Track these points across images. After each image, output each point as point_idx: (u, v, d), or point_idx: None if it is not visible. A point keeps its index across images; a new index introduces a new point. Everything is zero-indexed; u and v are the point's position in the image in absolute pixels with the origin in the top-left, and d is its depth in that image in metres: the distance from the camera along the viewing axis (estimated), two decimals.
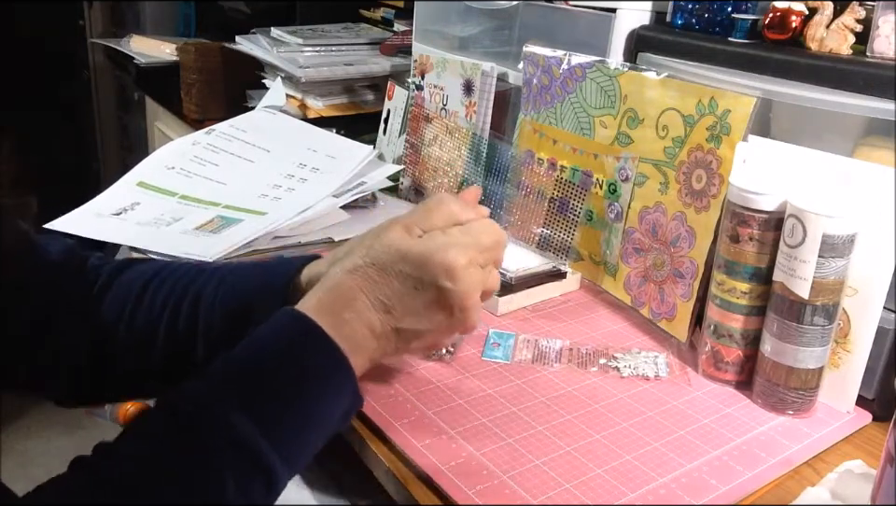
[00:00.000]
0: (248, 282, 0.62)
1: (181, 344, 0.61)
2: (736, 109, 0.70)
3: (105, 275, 0.64)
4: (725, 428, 0.63)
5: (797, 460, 0.60)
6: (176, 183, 1.02)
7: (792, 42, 0.75)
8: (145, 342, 0.61)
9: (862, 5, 0.71)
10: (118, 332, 0.61)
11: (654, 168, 0.79)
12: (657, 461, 0.58)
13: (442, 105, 1.04)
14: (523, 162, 0.94)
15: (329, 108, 1.37)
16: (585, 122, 0.87)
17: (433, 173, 1.05)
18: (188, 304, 0.61)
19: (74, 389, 0.63)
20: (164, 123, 1.85)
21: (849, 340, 0.65)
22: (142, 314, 0.62)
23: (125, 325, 0.62)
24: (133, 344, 0.61)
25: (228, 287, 0.62)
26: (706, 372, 0.70)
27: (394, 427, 0.60)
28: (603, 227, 0.85)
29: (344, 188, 0.99)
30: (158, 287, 0.63)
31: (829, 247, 0.60)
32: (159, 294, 0.62)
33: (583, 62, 0.86)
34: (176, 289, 0.62)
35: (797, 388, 0.64)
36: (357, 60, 1.40)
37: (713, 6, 0.82)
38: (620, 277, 0.83)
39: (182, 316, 0.61)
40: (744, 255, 0.66)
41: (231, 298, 0.61)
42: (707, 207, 0.73)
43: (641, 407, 0.65)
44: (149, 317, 0.61)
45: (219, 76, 1.55)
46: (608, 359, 0.72)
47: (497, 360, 0.71)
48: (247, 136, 1.13)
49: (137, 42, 1.92)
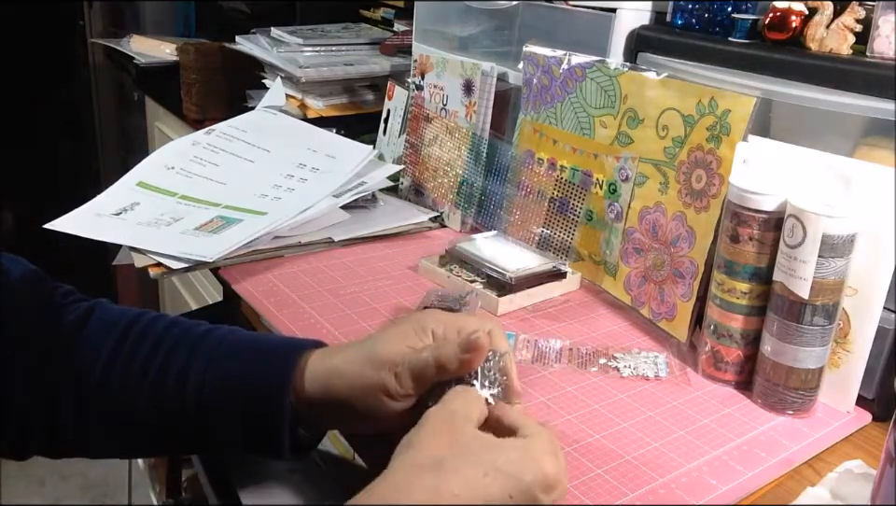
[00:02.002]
0: (242, 377, 0.55)
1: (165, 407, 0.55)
2: (736, 109, 0.70)
3: (73, 316, 0.57)
4: (725, 428, 0.63)
5: (797, 460, 0.60)
6: (176, 183, 1.02)
7: (792, 42, 0.75)
8: (123, 402, 0.55)
9: (862, 5, 0.71)
10: (90, 384, 0.55)
11: (654, 168, 0.79)
12: (657, 461, 0.58)
13: (442, 105, 1.04)
14: (523, 162, 0.94)
15: (329, 108, 1.36)
16: (585, 122, 0.87)
17: (433, 173, 1.05)
18: (173, 381, 0.55)
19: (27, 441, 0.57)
20: (164, 123, 1.86)
21: (849, 340, 0.65)
22: (117, 375, 0.56)
23: (99, 379, 0.56)
24: (109, 402, 0.56)
25: (219, 375, 0.55)
26: (706, 372, 0.70)
27: None
28: (603, 227, 0.85)
29: (344, 188, 0.99)
30: (135, 346, 0.56)
31: (829, 247, 0.60)
32: (136, 357, 0.56)
33: (583, 62, 0.86)
34: (158, 357, 0.56)
35: (797, 388, 0.64)
36: (357, 60, 1.40)
37: (713, 6, 0.82)
38: (620, 277, 0.83)
39: (167, 391, 0.55)
40: (744, 255, 0.66)
41: (224, 390, 0.55)
42: (706, 207, 0.73)
43: (641, 407, 0.65)
44: (128, 381, 0.55)
45: (219, 76, 1.55)
46: (608, 359, 0.72)
47: None
48: (247, 136, 1.13)
49: (137, 42, 1.92)
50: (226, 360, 0.56)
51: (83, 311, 0.58)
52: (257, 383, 0.55)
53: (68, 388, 0.56)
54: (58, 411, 0.56)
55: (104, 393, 0.56)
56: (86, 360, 0.56)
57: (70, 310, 0.58)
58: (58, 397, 0.56)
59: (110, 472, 2.03)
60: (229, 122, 1.16)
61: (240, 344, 0.57)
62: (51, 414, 0.56)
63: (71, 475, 2.03)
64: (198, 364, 0.55)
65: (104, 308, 0.60)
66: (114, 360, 0.56)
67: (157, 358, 0.56)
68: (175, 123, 1.72)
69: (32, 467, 2.02)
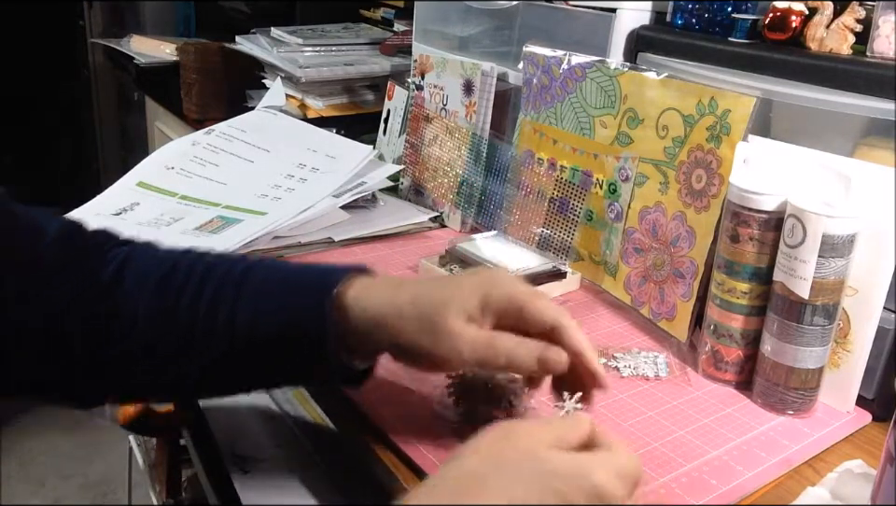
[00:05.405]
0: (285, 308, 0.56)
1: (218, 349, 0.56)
2: (736, 109, 0.70)
3: (111, 269, 0.58)
4: (725, 428, 0.63)
5: (797, 460, 0.60)
6: (176, 183, 1.02)
7: (792, 42, 0.75)
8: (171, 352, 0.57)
9: (862, 5, 0.71)
10: (135, 338, 0.56)
11: (654, 168, 0.79)
12: (657, 461, 0.58)
13: (442, 105, 1.04)
14: (523, 162, 0.94)
15: (329, 108, 1.37)
16: (585, 122, 0.87)
17: (433, 173, 1.05)
18: (223, 318, 0.56)
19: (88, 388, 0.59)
20: (164, 123, 1.86)
21: (849, 340, 0.65)
22: (161, 327, 0.56)
23: (144, 332, 0.56)
24: (156, 354, 0.57)
25: (260, 310, 0.56)
26: (706, 372, 0.70)
27: (394, 427, 0.60)
28: (603, 227, 0.85)
29: (344, 188, 0.99)
30: (181, 286, 0.57)
31: (829, 247, 0.60)
32: (183, 296, 0.57)
33: (583, 62, 0.86)
34: (205, 298, 0.56)
35: (797, 388, 0.64)
36: (357, 60, 1.40)
37: (713, 6, 0.82)
38: (620, 277, 0.83)
39: (218, 329, 0.56)
40: (744, 255, 0.66)
41: (267, 324, 0.56)
42: (706, 207, 0.73)
43: (641, 407, 0.65)
44: (178, 323, 0.56)
45: (219, 76, 1.54)
46: (608, 359, 0.72)
47: None
48: (247, 136, 1.13)
49: (137, 42, 1.92)
50: (265, 298, 0.57)
51: (119, 262, 0.59)
52: (300, 315, 0.55)
53: (115, 343, 0.56)
54: (106, 364, 0.57)
55: (150, 345, 0.57)
56: (127, 313, 0.56)
57: (108, 260, 0.58)
58: (107, 352, 0.56)
59: (110, 472, 2.03)
60: (229, 122, 1.16)
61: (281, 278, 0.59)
62: (100, 367, 0.57)
63: (71, 475, 2.03)
64: (242, 305, 0.56)
65: (139, 256, 0.60)
66: (156, 313, 0.56)
67: (200, 305, 0.56)
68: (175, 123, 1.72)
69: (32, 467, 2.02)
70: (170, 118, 1.77)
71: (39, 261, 0.56)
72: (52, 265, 0.56)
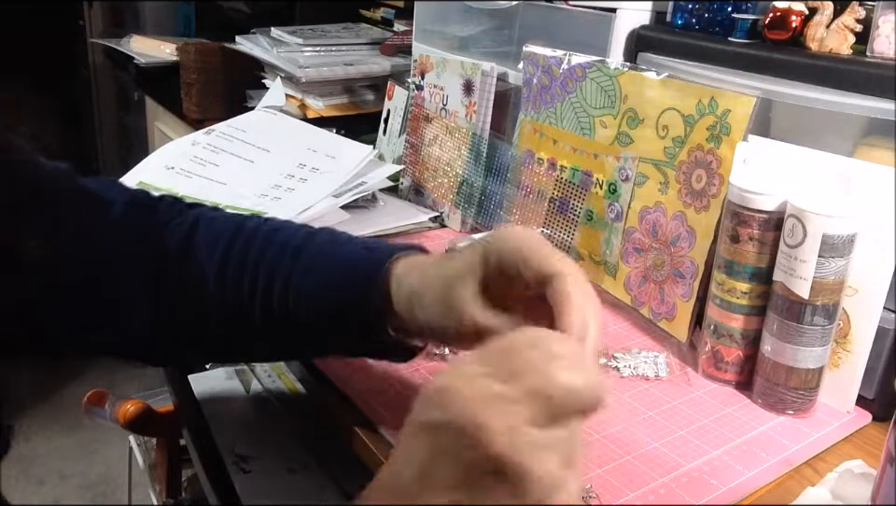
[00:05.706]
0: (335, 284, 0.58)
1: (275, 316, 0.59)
2: (736, 109, 0.70)
3: (182, 229, 0.61)
4: (725, 428, 0.63)
5: (797, 460, 0.60)
6: (176, 183, 1.02)
7: (792, 42, 0.75)
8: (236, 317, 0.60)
9: (862, 5, 0.71)
10: (204, 303, 0.60)
11: (654, 168, 0.79)
12: (657, 461, 0.58)
13: (442, 105, 1.04)
14: (523, 162, 0.94)
15: (329, 108, 1.37)
16: (585, 122, 0.87)
17: (433, 173, 1.05)
18: (279, 287, 0.59)
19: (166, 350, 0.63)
20: (164, 123, 1.86)
21: (849, 340, 0.65)
22: (231, 286, 0.60)
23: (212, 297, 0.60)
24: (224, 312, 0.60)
25: (314, 284, 0.58)
26: (706, 372, 0.70)
27: (393, 425, 0.60)
28: (603, 227, 0.85)
29: (344, 188, 0.99)
30: (242, 257, 0.60)
31: (829, 247, 0.60)
32: (246, 265, 0.59)
33: (583, 62, 0.86)
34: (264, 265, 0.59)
35: (797, 388, 0.64)
36: (357, 60, 1.40)
37: (713, 6, 0.82)
38: (620, 277, 0.83)
39: (274, 298, 0.59)
40: (744, 255, 0.66)
41: (318, 299, 0.58)
42: (706, 207, 0.73)
43: (641, 407, 0.65)
44: (241, 290, 0.59)
45: (219, 76, 1.55)
46: (608, 359, 0.72)
47: None
48: (247, 136, 1.13)
49: (137, 42, 1.92)
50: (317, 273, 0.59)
51: (188, 228, 0.62)
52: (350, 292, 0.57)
53: (186, 310, 0.60)
54: (179, 332, 0.61)
55: (217, 311, 0.60)
56: (196, 280, 0.60)
57: (174, 227, 0.62)
58: (177, 319, 0.60)
59: (110, 472, 2.03)
60: (229, 122, 1.16)
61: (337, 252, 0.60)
62: (173, 336, 0.61)
63: (71, 475, 2.03)
64: (296, 278, 0.58)
65: (206, 222, 0.63)
66: (222, 279, 0.59)
67: (259, 277, 0.59)
68: (175, 123, 1.72)
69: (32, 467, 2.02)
70: (170, 118, 1.77)
71: (107, 233, 0.59)
72: (120, 237, 0.60)
